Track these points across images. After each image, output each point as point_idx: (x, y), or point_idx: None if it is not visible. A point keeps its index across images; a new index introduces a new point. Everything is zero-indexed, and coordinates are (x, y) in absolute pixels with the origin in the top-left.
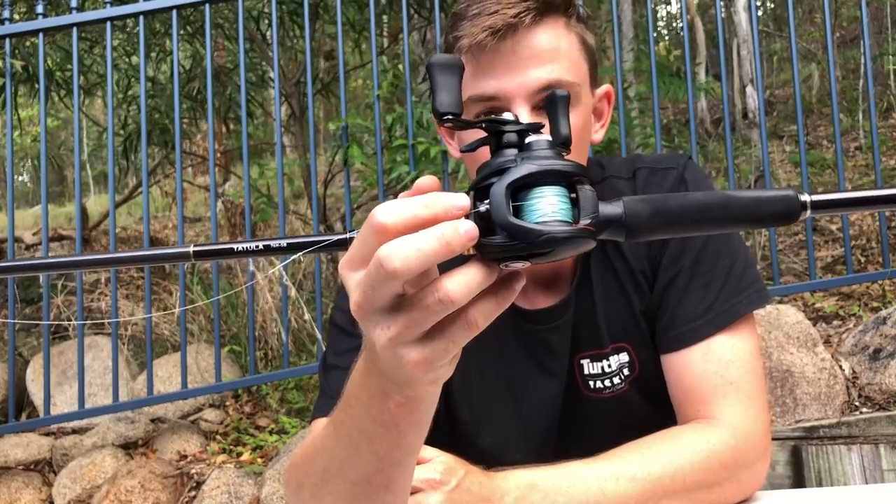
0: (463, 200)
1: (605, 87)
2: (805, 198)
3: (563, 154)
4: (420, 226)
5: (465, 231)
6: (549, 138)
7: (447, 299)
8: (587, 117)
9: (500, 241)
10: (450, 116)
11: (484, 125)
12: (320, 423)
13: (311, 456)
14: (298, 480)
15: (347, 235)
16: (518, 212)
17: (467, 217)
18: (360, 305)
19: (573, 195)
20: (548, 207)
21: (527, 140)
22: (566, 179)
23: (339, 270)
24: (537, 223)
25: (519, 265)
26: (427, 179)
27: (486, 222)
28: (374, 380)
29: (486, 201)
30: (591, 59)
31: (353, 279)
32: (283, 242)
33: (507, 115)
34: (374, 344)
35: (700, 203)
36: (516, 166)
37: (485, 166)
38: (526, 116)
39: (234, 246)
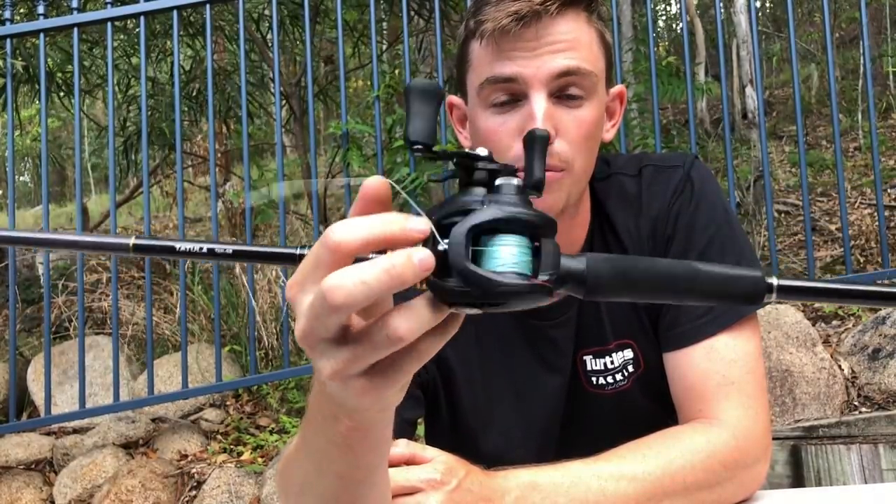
0: (423, 225)
1: (618, 88)
2: (772, 281)
3: (534, 196)
4: (376, 245)
5: (420, 261)
6: (520, 183)
7: (395, 337)
8: (601, 113)
9: (454, 286)
10: (420, 146)
11: (456, 159)
12: None
13: (290, 466)
14: (284, 489)
15: (297, 251)
16: (477, 257)
17: (426, 245)
18: (306, 334)
19: (536, 244)
20: (508, 257)
21: (497, 182)
22: (530, 230)
23: (287, 292)
24: (494, 272)
25: (469, 311)
26: (374, 179)
27: (442, 262)
28: (325, 404)
29: (446, 241)
30: (608, 57)
31: (301, 304)
32: (229, 249)
33: (480, 151)
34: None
35: (665, 271)
36: (481, 209)
37: (450, 201)
38: (543, 103)
39: (177, 245)
